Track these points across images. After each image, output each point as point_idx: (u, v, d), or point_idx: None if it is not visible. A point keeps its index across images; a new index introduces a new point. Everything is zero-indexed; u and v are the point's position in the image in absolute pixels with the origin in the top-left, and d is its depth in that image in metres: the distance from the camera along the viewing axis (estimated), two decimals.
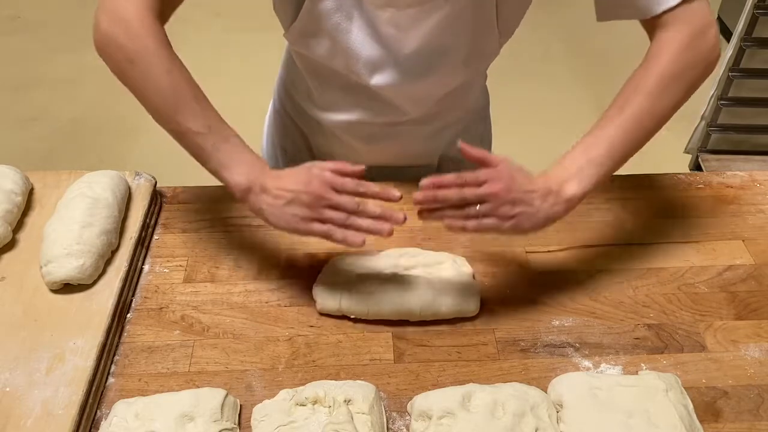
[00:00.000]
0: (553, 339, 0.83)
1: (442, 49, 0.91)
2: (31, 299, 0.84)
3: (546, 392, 0.75)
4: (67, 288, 0.85)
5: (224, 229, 0.98)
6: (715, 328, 0.84)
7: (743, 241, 0.96)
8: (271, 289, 0.89)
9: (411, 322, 0.84)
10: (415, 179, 1.07)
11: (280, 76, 1.15)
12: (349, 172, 0.78)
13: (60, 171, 1.02)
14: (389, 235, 0.76)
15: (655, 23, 0.84)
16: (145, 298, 0.88)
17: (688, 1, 0.81)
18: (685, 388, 0.75)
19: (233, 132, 0.82)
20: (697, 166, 2.34)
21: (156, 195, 1.01)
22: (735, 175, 1.08)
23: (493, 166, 0.77)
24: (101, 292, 0.85)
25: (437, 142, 1.11)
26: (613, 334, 0.84)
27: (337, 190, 0.77)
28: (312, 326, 0.85)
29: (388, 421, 0.74)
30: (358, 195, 0.77)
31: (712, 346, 0.82)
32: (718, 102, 2.20)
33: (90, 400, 0.74)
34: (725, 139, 2.30)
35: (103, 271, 0.87)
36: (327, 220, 0.77)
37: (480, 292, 0.86)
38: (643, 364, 0.80)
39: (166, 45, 0.81)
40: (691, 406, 0.73)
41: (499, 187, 0.76)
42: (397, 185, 1.03)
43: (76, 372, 0.76)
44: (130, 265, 0.89)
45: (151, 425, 0.70)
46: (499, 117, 1.20)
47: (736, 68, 2.13)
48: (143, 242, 0.94)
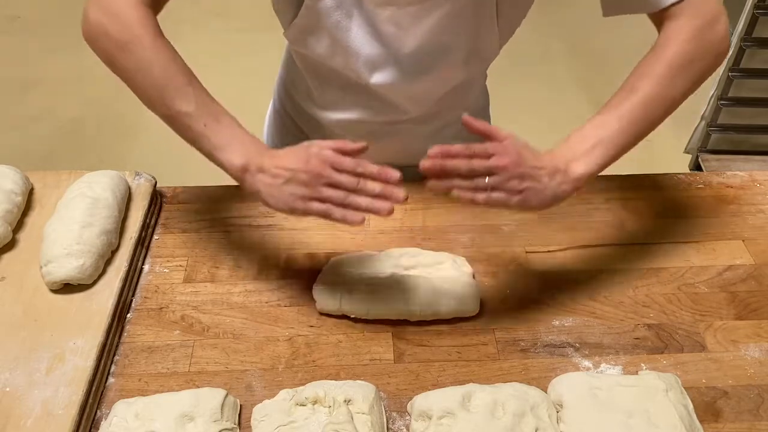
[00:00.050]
0: (553, 339, 0.83)
1: (442, 48, 0.91)
2: (31, 299, 0.84)
3: (546, 392, 0.75)
4: (67, 288, 0.85)
5: (224, 229, 0.98)
6: (715, 328, 0.84)
7: (743, 241, 0.96)
8: (271, 289, 0.89)
9: (411, 322, 0.84)
10: (415, 179, 1.08)
11: (280, 75, 1.15)
12: (349, 150, 0.76)
13: (60, 171, 1.02)
14: (389, 214, 0.74)
15: (663, 16, 0.83)
16: (145, 298, 0.88)
17: None
18: (685, 388, 0.75)
19: (227, 112, 0.81)
20: (697, 166, 2.34)
21: (156, 195, 1.01)
22: (735, 175, 1.08)
23: (499, 140, 0.76)
24: (101, 292, 0.85)
25: (437, 141, 1.10)
26: (613, 334, 0.84)
27: (336, 169, 0.75)
28: (312, 326, 0.85)
29: (388, 421, 0.74)
30: (357, 175, 0.75)
31: (712, 346, 0.82)
32: (718, 102, 2.20)
33: (90, 400, 0.74)
34: (725, 139, 2.30)
35: (103, 271, 0.88)
36: (326, 199, 0.75)
37: (480, 292, 0.86)
38: (643, 364, 0.80)
39: (156, 31, 0.81)
40: (691, 406, 0.73)
41: (507, 161, 0.74)
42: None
43: (76, 372, 0.76)
44: (130, 265, 0.89)
45: (151, 425, 0.70)
46: (499, 117, 1.19)
47: (736, 68, 2.13)
48: (143, 242, 0.94)
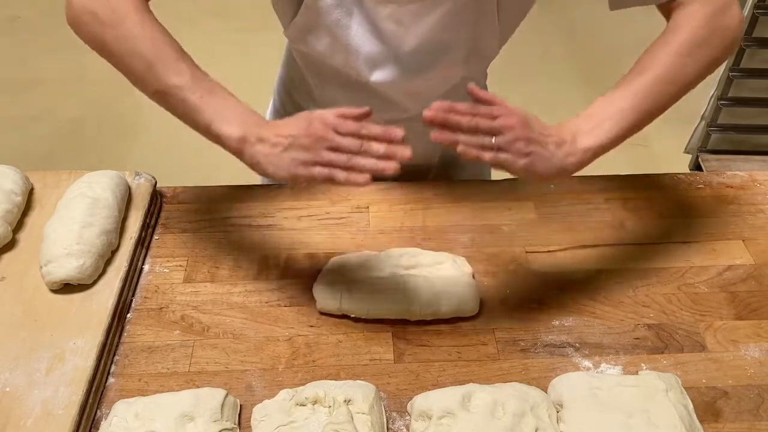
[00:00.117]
0: (553, 339, 0.83)
1: (443, 46, 0.91)
2: (31, 299, 0.84)
3: (546, 392, 0.75)
4: (67, 288, 0.85)
5: (224, 229, 0.98)
6: (715, 328, 0.84)
7: (743, 241, 0.96)
8: (271, 289, 0.89)
9: (411, 322, 0.84)
10: (416, 179, 1.08)
11: (280, 75, 1.15)
12: (351, 115, 0.74)
13: (60, 171, 1.02)
14: (395, 173, 0.71)
15: (672, 6, 0.82)
16: (145, 298, 0.88)
17: None
18: (685, 388, 0.75)
19: (222, 86, 0.79)
20: (697, 166, 2.34)
21: (156, 195, 1.01)
22: (735, 175, 1.08)
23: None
24: (101, 292, 0.85)
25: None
26: (613, 334, 0.84)
27: (338, 133, 0.73)
28: (312, 326, 0.85)
29: (388, 421, 0.74)
30: (360, 137, 0.72)
31: (712, 346, 0.82)
32: (718, 102, 2.20)
33: (90, 400, 0.74)
34: (725, 139, 2.30)
35: (103, 271, 0.87)
36: (328, 163, 0.72)
37: (480, 292, 0.86)
38: (643, 364, 0.80)
39: (144, 7, 0.79)
40: (691, 406, 0.73)
41: (514, 121, 0.72)
42: (398, 185, 1.05)
43: (76, 372, 0.76)
44: (130, 265, 0.89)
45: (151, 425, 0.70)
46: None
47: (736, 68, 2.13)
48: (143, 242, 0.94)
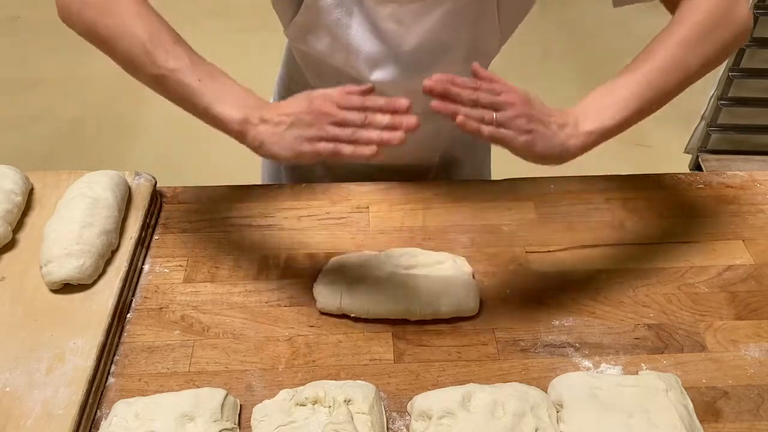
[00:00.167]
0: (553, 339, 0.83)
1: (443, 46, 0.91)
2: (31, 299, 0.84)
3: (546, 392, 0.75)
4: (67, 288, 0.85)
5: (224, 229, 0.98)
6: (715, 328, 0.84)
7: (743, 241, 0.96)
8: (271, 289, 0.89)
9: (411, 322, 0.84)
10: (416, 179, 1.08)
11: (280, 75, 1.15)
12: (354, 91, 0.74)
13: (60, 171, 1.02)
14: (401, 143, 0.70)
15: (676, 1, 0.82)
16: (145, 298, 0.88)
17: None
18: (685, 388, 0.75)
19: (220, 69, 0.79)
20: (697, 166, 2.34)
21: (156, 195, 1.01)
22: (735, 175, 1.08)
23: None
24: (101, 292, 0.85)
25: (437, 140, 1.11)
26: (613, 334, 0.84)
27: (341, 108, 0.72)
28: (312, 326, 0.85)
29: (388, 421, 0.74)
30: (363, 110, 0.72)
31: (712, 346, 0.82)
32: (718, 102, 2.19)
33: (90, 400, 0.74)
34: (725, 139, 2.30)
35: (103, 271, 0.87)
36: (333, 138, 0.71)
37: (480, 292, 0.86)
38: (643, 364, 0.80)
39: None
40: (691, 406, 0.73)
41: (516, 98, 0.72)
42: (398, 185, 1.05)
43: (76, 372, 0.76)
44: (130, 265, 0.89)
45: (151, 425, 0.70)
46: None
47: (736, 68, 2.13)
48: (143, 242, 0.94)
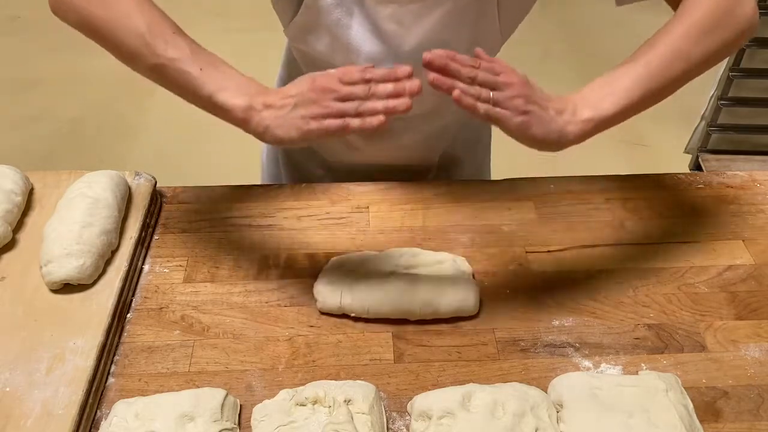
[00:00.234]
0: (553, 339, 0.83)
1: (443, 46, 0.90)
2: (31, 299, 0.84)
3: (546, 392, 0.75)
4: (67, 288, 0.85)
5: (224, 229, 0.98)
6: (715, 328, 0.84)
7: (743, 241, 0.96)
8: (271, 289, 0.89)
9: (411, 322, 0.84)
10: (416, 179, 1.08)
11: (280, 75, 1.15)
12: (355, 69, 0.74)
13: (60, 171, 1.02)
14: (408, 110, 0.70)
15: None
16: (145, 298, 0.88)
17: None
18: (685, 388, 0.75)
19: (220, 58, 0.79)
20: (697, 166, 2.34)
21: (156, 195, 1.01)
22: (735, 175, 1.08)
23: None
24: (101, 292, 0.85)
25: (437, 141, 1.11)
26: (613, 334, 0.84)
27: (344, 84, 0.72)
28: (312, 326, 0.85)
29: (388, 421, 0.74)
30: (365, 82, 0.72)
31: (712, 346, 0.82)
32: (718, 102, 2.20)
33: (90, 400, 0.74)
34: (725, 139, 2.30)
35: (103, 271, 0.87)
36: (339, 113, 0.71)
37: (480, 292, 0.86)
38: (643, 364, 0.80)
39: None
40: (691, 406, 0.73)
41: (515, 79, 0.72)
42: (398, 185, 1.05)
43: (76, 372, 0.76)
44: (130, 265, 0.89)
45: (151, 425, 0.70)
46: None
47: (736, 68, 2.13)
48: (143, 242, 0.94)
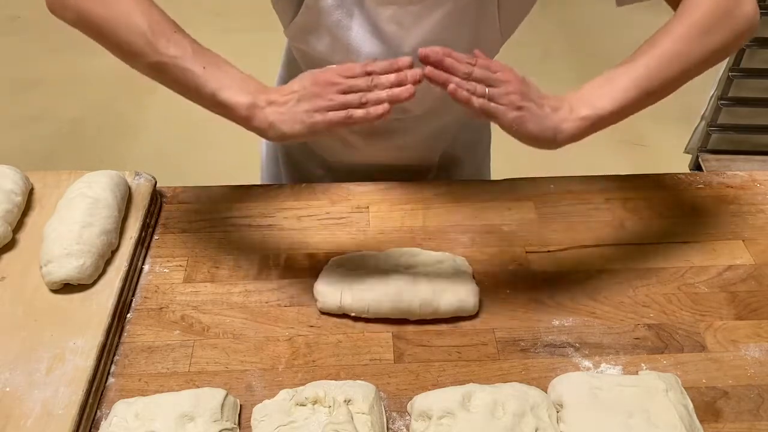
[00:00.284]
0: (553, 339, 0.83)
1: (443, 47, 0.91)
2: (31, 299, 0.84)
3: (546, 392, 0.75)
4: (67, 288, 0.85)
5: (224, 229, 0.98)
6: (715, 328, 0.84)
7: (743, 241, 0.96)
8: (271, 289, 0.89)
9: (411, 322, 0.84)
10: (416, 179, 1.08)
11: (280, 75, 1.15)
12: (357, 65, 0.74)
13: (60, 171, 1.02)
14: (411, 97, 0.71)
15: None
16: (145, 298, 0.88)
17: None
18: (685, 388, 0.75)
19: (222, 57, 0.79)
20: (697, 166, 2.34)
21: (156, 195, 1.01)
22: (735, 175, 1.08)
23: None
24: (101, 292, 0.85)
25: (437, 141, 1.11)
26: (613, 334, 0.84)
27: (346, 77, 0.73)
28: (312, 326, 0.85)
29: (388, 421, 0.74)
30: (367, 74, 0.73)
31: (712, 346, 0.82)
32: (718, 102, 2.20)
33: (90, 400, 0.74)
34: (725, 139, 2.30)
35: (103, 271, 0.87)
36: (342, 105, 0.72)
37: (480, 292, 0.86)
38: (643, 364, 0.80)
39: None
40: (691, 406, 0.73)
41: (512, 77, 0.73)
42: (398, 185, 1.05)
43: (76, 372, 0.76)
44: (130, 265, 0.89)
45: (151, 425, 0.70)
46: None
47: (736, 68, 2.13)
48: (143, 242, 0.94)
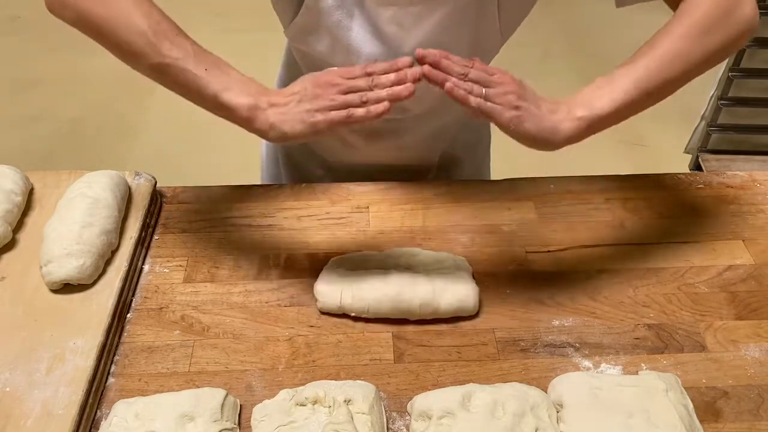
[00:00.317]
0: (553, 339, 0.83)
1: (443, 48, 0.90)
2: (31, 299, 0.84)
3: (546, 392, 0.75)
4: (67, 288, 0.85)
5: (224, 229, 0.98)
6: (715, 328, 0.84)
7: (743, 241, 0.96)
8: (271, 289, 0.89)
9: (411, 322, 0.84)
10: (416, 179, 1.08)
11: (280, 75, 1.15)
12: (357, 67, 0.75)
13: (60, 171, 1.02)
14: (411, 95, 0.72)
15: None
16: (145, 298, 0.88)
17: None
18: (685, 388, 0.75)
19: (221, 58, 0.79)
20: (697, 166, 2.34)
21: (156, 195, 1.01)
22: (735, 175, 1.08)
23: None
24: (101, 292, 0.85)
25: (437, 141, 1.11)
26: (613, 334, 0.84)
27: (346, 78, 0.74)
28: (312, 326, 0.85)
29: (388, 421, 0.74)
30: (367, 75, 0.74)
31: (712, 346, 0.82)
32: (718, 102, 2.19)
33: (90, 400, 0.74)
34: (725, 139, 2.30)
35: (103, 271, 0.87)
36: (343, 105, 0.73)
37: (480, 292, 0.86)
38: (643, 364, 0.80)
39: None
40: (691, 406, 0.73)
41: (509, 79, 0.73)
42: (398, 185, 1.05)
43: (76, 372, 0.76)
44: (130, 265, 0.89)
45: (151, 425, 0.70)
46: None
47: (736, 68, 2.13)
48: (143, 242, 0.94)
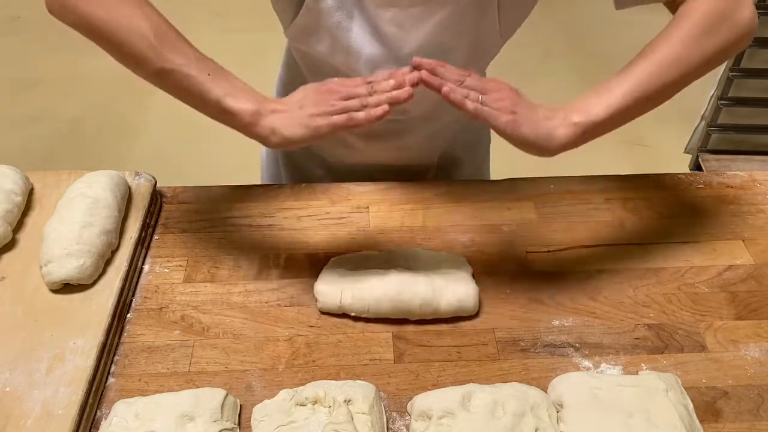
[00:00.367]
0: (553, 339, 0.83)
1: (443, 49, 0.91)
2: (31, 299, 0.84)
3: (546, 392, 0.75)
4: (67, 288, 0.85)
5: (224, 229, 0.98)
6: (715, 328, 0.84)
7: (743, 241, 0.96)
8: (271, 289, 0.89)
9: (411, 322, 0.84)
10: (416, 179, 1.08)
11: (280, 76, 1.15)
12: (358, 78, 0.78)
13: (60, 171, 1.02)
14: (410, 98, 0.74)
15: (679, 1, 0.82)
16: (145, 298, 0.88)
17: None
18: (685, 388, 0.75)
19: (222, 66, 0.81)
20: (697, 166, 2.34)
21: (156, 195, 1.01)
22: (735, 175, 1.08)
23: None
24: (101, 292, 0.85)
25: (437, 141, 1.11)
26: (613, 334, 0.84)
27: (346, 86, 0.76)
28: (312, 326, 0.85)
29: (388, 421, 0.74)
30: (368, 83, 0.76)
31: (712, 346, 0.82)
32: (718, 102, 2.19)
33: (90, 400, 0.74)
34: (725, 139, 2.30)
35: (103, 271, 0.87)
36: (344, 110, 0.75)
37: (480, 292, 0.86)
38: (643, 364, 0.80)
39: None
40: (691, 406, 0.73)
41: (505, 86, 0.75)
42: (398, 185, 1.05)
43: (76, 372, 0.76)
44: (130, 265, 0.89)
45: (151, 425, 0.70)
46: None
47: (736, 68, 2.13)
48: (143, 242, 0.94)
